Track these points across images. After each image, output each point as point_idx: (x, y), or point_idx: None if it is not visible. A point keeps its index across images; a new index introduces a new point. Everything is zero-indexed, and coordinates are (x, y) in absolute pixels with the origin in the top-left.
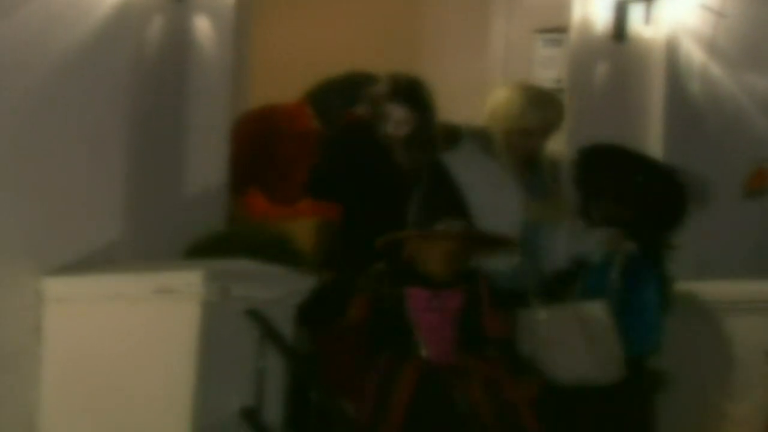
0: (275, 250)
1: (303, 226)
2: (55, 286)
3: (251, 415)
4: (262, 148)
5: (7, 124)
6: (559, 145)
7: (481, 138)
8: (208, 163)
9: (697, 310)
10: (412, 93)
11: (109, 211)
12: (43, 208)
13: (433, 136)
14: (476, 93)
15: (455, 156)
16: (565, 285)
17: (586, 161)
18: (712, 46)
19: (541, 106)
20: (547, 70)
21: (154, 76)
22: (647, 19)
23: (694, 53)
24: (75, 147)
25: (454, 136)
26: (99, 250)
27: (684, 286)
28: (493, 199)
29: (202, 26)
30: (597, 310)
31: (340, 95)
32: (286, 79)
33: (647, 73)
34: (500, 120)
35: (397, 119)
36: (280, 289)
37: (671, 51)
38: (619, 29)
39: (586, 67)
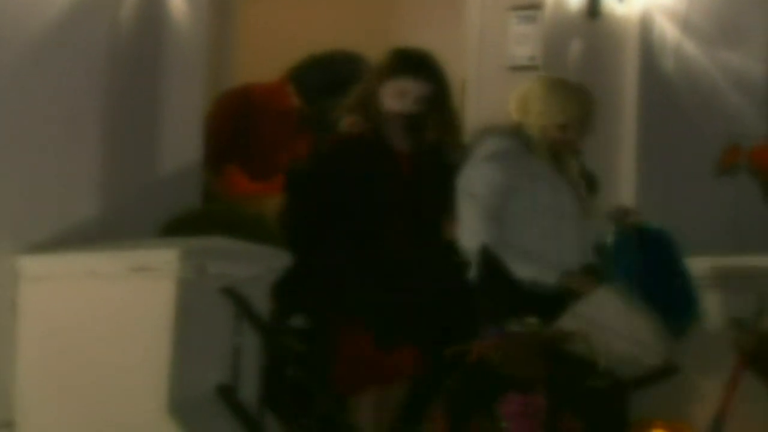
0: (251, 227)
1: (279, 202)
2: (31, 265)
3: (227, 392)
4: (242, 125)
5: None
6: None
7: (514, 135)
8: (183, 142)
9: None
10: (424, 62)
11: (84, 190)
12: (18, 187)
13: (452, 119)
14: (451, 71)
15: (492, 154)
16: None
17: None
18: (685, 23)
19: (575, 98)
20: (522, 46)
21: (129, 54)
22: None
23: (667, 30)
24: (50, 126)
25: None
26: (75, 228)
27: None
28: (550, 204)
29: (177, 3)
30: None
31: (321, 73)
32: (269, 57)
33: (621, 50)
34: (535, 115)
35: (403, 91)
36: (256, 267)
37: (645, 28)
38: (593, 6)
39: (560, 44)
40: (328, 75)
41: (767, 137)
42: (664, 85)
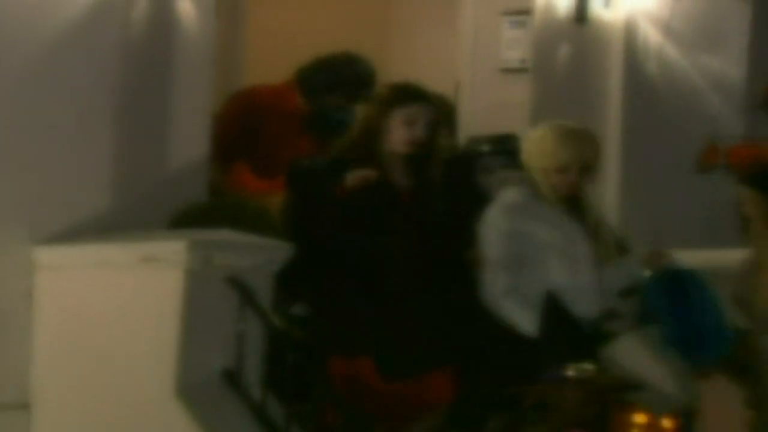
0: (254, 221)
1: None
2: (46, 255)
3: (232, 376)
4: (249, 125)
5: (1, 99)
6: (522, 123)
7: (524, 181)
8: (191, 139)
9: None
10: (422, 90)
11: (97, 184)
12: (35, 181)
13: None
14: (445, 73)
15: (505, 205)
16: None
17: None
18: (668, 29)
19: (573, 143)
20: (513, 51)
21: (140, 55)
22: (607, 2)
23: (651, 35)
24: (65, 123)
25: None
26: (88, 220)
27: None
28: (562, 248)
29: (186, 6)
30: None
31: (325, 74)
32: (278, 58)
33: (607, 54)
34: (536, 159)
35: (412, 119)
36: (259, 258)
37: (629, 33)
38: (581, 12)
39: (549, 48)
40: (331, 76)
41: (745, 138)
42: (647, 87)
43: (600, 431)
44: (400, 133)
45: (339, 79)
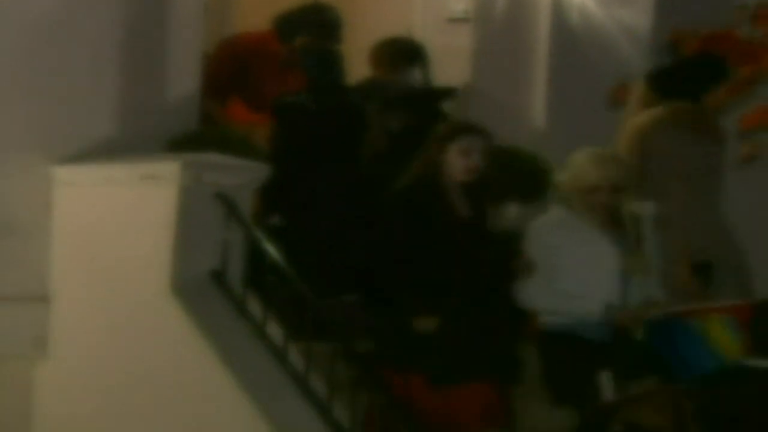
0: (238, 146)
1: (269, 129)
2: (62, 173)
3: (218, 276)
4: (239, 65)
5: (22, 37)
6: (464, 65)
7: (564, 201)
8: (185, 76)
9: None
10: (474, 123)
11: (105, 113)
12: (52, 110)
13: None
14: (400, 22)
15: (546, 221)
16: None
17: None
18: None
19: (602, 165)
20: (458, 3)
21: (141, 3)
22: None
23: None
24: (77, 61)
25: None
26: (97, 143)
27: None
28: (589, 260)
29: None
30: None
31: (296, 21)
32: (264, 8)
33: (537, 7)
34: (571, 181)
35: (468, 149)
36: (243, 177)
37: None
38: None
39: (488, 1)
40: (302, 22)
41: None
42: (570, 36)
43: None
44: (457, 163)
45: (309, 24)
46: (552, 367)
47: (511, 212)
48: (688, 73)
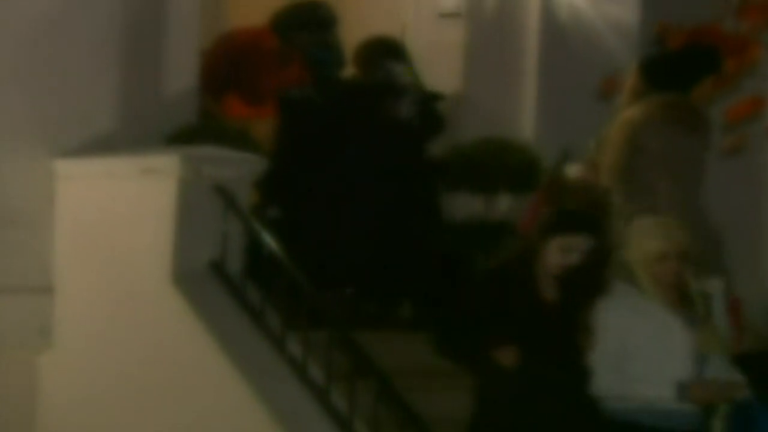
0: (236, 139)
1: (266, 123)
2: (64, 166)
3: (217, 266)
4: (234, 62)
5: (24, 33)
6: (456, 60)
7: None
8: (183, 72)
9: None
10: (587, 219)
11: (106, 108)
12: (55, 105)
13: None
14: (393, 17)
15: (613, 302)
16: None
17: None
18: None
19: (668, 231)
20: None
21: (141, 4)
22: None
23: None
24: (80, 58)
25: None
26: (98, 137)
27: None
28: (658, 340)
29: None
30: None
31: (292, 18)
32: (259, 6)
33: (526, 2)
34: (636, 251)
35: (569, 247)
36: (241, 170)
37: None
38: None
39: None
40: (297, 18)
41: None
42: (559, 30)
43: None
44: (555, 258)
45: (304, 20)
46: None
47: (501, 204)
48: (680, 63)
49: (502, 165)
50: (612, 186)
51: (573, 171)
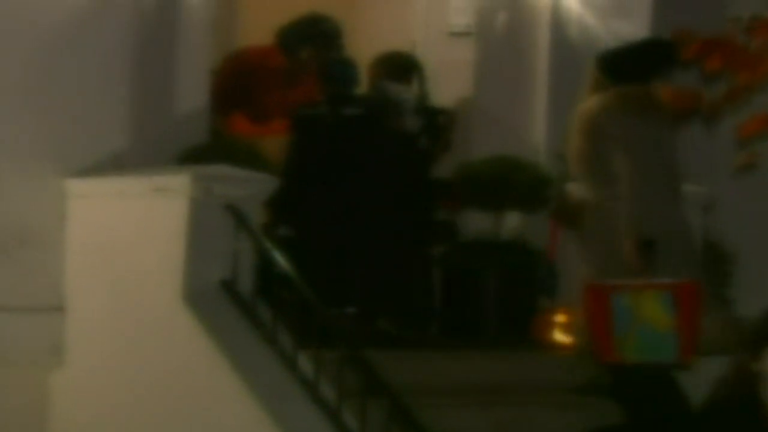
0: (246, 158)
1: (274, 141)
2: (76, 185)
3: (228, 285)
4: (242, 80)
5: (37, 54)
6: (466, 78)
7: None
8: (193, 91)
9: None
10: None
11: (117, 127)
12: (66, 125)
13: None
14: (403, 36)
15: None
16: None
17: None
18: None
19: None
20: (460, 17)
21: (151, 22)
22: None
23: (572, 4)
24: (91, 77)
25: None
26: (109, 157)
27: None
28: None
29: None
30: None
31: (296, 33)
32: (268, 25)
33: (537, 20)
34: None
35: None
36: (252, 189)
37: (555, 2)
38: None
39: (490, 15)
40: (302, 33)
41: None
42: (569, 48)
43: None
44: None
45: (308, 35)
46: None
47: (511, 221)
48: (637, 56)
49: (511, 183)
50: (576, 175)
51: (574, 189)
